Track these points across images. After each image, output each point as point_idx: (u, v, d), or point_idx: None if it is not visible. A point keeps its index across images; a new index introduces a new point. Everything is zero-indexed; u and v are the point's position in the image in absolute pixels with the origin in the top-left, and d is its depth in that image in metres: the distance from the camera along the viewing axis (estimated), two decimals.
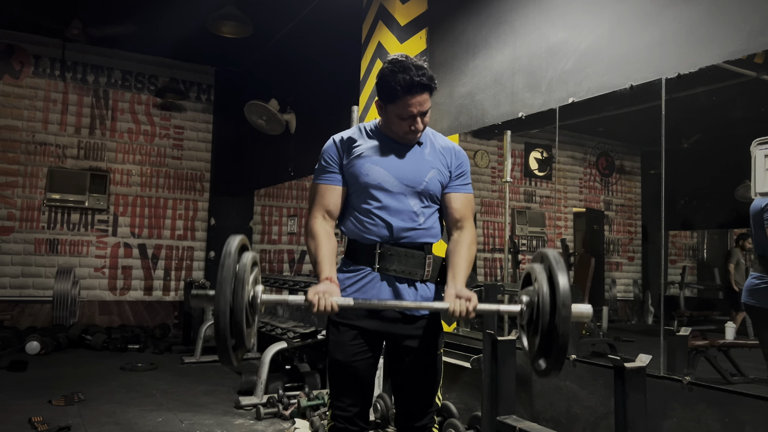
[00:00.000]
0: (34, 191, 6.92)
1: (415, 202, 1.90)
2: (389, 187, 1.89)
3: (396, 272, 1.89)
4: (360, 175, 1.89)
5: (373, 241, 1.90)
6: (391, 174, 1.89)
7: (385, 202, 1.89)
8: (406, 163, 1.92)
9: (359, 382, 1.92)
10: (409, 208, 1.90)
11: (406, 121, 1.85)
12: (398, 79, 1.80)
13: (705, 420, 2.35)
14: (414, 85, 1.79)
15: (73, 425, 3.65)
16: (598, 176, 9.07)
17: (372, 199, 1.89)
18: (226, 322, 1.51)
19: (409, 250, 1.90)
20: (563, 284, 1.57)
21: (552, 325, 1.58)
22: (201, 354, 5.84)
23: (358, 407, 1.92)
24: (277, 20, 5.84)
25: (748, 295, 3.27)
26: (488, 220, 8.50)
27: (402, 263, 1.89)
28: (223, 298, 1.50)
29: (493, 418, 2.75)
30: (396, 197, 1.89)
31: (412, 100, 1.81)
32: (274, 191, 8.35)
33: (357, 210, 1.93)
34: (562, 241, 7.49)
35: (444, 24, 4.10)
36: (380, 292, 1.89)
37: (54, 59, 7.07)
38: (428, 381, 1.95)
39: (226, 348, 1.54)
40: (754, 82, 2.95)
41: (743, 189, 5.18)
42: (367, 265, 1.91)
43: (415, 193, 1.90)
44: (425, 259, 1.92)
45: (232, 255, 1.55)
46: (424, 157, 1.94)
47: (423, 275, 1.91)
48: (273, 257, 8.31)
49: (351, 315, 1.91)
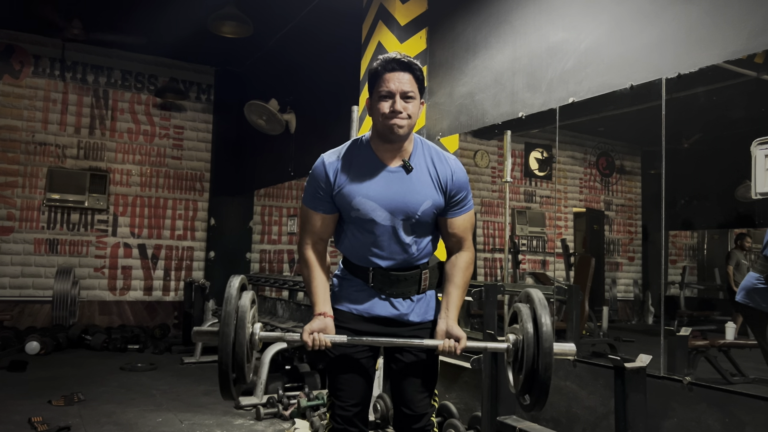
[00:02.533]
0: (33, 191, 6.92)
1: (407, 233, 1.87)
2: (381, 221, 1.83)
3: (389, 294, 1.91)
4: (351, 210, 1.84)
5: (366, 267, 1.91)
6: (383, 207, 1.82)
7: (377, 234, 1.85)
8: (398, 194, 1.82)
9: (358, 383, 1.92)
10: (402, 240, 1.86)
11: (387, 102, 1.77)
12: (379, 60, 1.83)
13: (705, 420, 2.35)
14: (392, 60, 1.80)
15: (73, 425, 3.65)
16: (598, 176, 9.07)
17: (363, 231, 1.87)
18: (228, 358, 1.65)
19: (402, 274, 1.90)
20: (546, 326, 1.70)
21: (535, 366, 1.71)
22: (201, 354, 5.83)
23: (357, 407, 1.92)
24: (278, 20, 5.84)
25: (745, 295, 3.26)
26: (488, 220, 8.50)
27: (395, 286, 1.90)
28: (227, 338, 1.66)
29: (493, 418, 2.76)
30: (387, 230, 1.85)
31: (389, 75, 1.78)
32: (274, 191, 8.34)
33: (350, 235, 1.91)
34: (562, 241, 7.49)
35: (444, 24, 4.10)
36: (375, 305, 1.91)
37: (54, 59, 7.07)
38: (424, 381, 1.94)
39: (228, 382, 1.67)
40: (754, 82, 2.94)
41: (743, 189, 5.18)
42: (362, 279, 1.92)
43: (408, 225, 1.86)
44: (420, 276, 1.92)
45: (234, 297, 1.69)
46: (417, 187, 1.84)
47: (418, 290, 1.93)
48: (273, 257, 8.31)
49: (348, 319, 1.92)
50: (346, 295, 1.95)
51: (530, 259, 8.54)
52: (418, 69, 1.82)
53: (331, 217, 1.90)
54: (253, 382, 4.43)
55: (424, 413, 1.94)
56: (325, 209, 1.88)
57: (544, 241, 8.57)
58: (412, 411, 1.93)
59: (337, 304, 1.95)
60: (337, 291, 1.97)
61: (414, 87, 1.80)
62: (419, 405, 1.93)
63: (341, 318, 1.92)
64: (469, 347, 1.83)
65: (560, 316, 3.89)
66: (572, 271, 6.71)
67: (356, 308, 1.92)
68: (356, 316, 1.92)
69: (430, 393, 1.97)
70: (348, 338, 1.79)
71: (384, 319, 1.91)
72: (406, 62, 1.80)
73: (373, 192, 1.82)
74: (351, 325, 1.91)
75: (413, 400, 1.93)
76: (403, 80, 1.78)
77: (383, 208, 1.82)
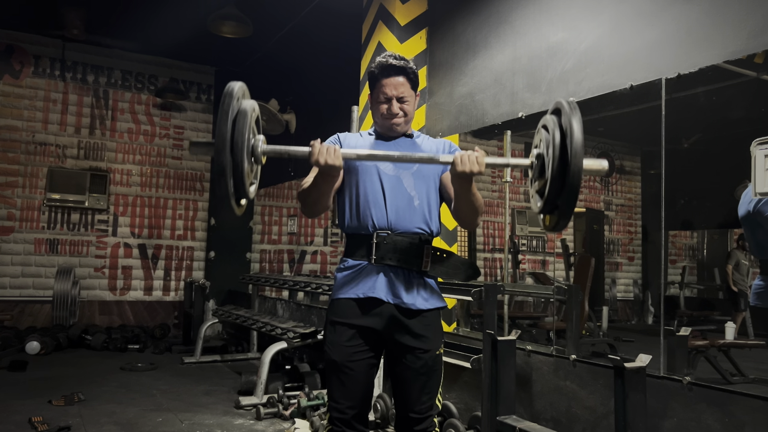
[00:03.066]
0: (34, 191, 6.92)
1: (409, 183, 1.94)
2: (385, 168, 1.95)
3: (391, 261, 1.89)
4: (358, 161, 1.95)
5: (369, 232, 1.90)
6: None
7: (381, 182, 1.93)
8: (400, 149, 2.00)
9: (357, 384, 1.89)
10: (405, 189, 1.94)
11: (385, 105, 1.96)
12: (376, 63, 1.98)
13: (705, 420, 2.35)
14: (387, 66, 1.94)
15: (73, 425, 3.65)
16: (598, 176, 9.07)
17: (369, 181, 1.93)
18: (226, 160, 1.42)
19: (405, 239, 1.90)
20: (577, 133, 1.46)
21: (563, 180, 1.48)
22: (201, 354, 5.84)
23: (355, 410, 1.89)
24: (278, 20, 5.84)
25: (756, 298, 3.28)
26: (488, 220, 8.50)
27: (398, 252, 1.89)
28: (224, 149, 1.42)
29: (493, 418, 2.76)
30: (391, 179, 1.94)
31: (385, 81, 1.94)
32: (274, 191, 8.35)
33: (354, 197, 1.94)
34: (562, 241, 7.50)
35: (444, 24, 4.10)
36: (376, 283, 1.89)
37: (54, 59, 7.07)
38: (428, 382, 1.92)
39: (228, 194, 1.47)
40: (754, 82, 2.94)
41: (743, 189, 5.18)
42: (365, 257, 1.91)
43: (409, 175, 1.95)
44: (423, 249, 1.91)
45: (233, 97, 1.47)
46: (417, 146, 2.04)
47: (420, 265, 1.91)
48: (273, 257, 8.31)
49: (349, 314, 1.90)
50: (346, 283, 1.93)
51: (530, 259, 8.54)
52: (411, 71, 1.98)
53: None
54: (253, 381, 4.43)
55: (427, 416, 1.92)
56: None
57: (544, 241, 8.57)
58: (414, 413, 1.91)
59: (337, 294, 1.93)
60: (338, 283, 1.95)
61: (407, 88, 1.97)
62: (422, 407, 1.91)
63: (341, 312, 1.90)
64: (488, 162, 1.65)
65: (560, 316, 3.89)
66: (572, 271, 6.72)
67: (356, 292, 1.89)
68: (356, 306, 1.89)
69: (433, 395, 1.94)
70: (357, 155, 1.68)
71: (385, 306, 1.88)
72: (400, 66, 1.95)
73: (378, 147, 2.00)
74: (351, 320, 1.89)
75: (416, 403, 1.91)
76: (398, 85, 1.95)
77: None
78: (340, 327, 1.90)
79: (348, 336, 1.89)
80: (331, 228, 8.68)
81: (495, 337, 2.75)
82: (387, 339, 1.93)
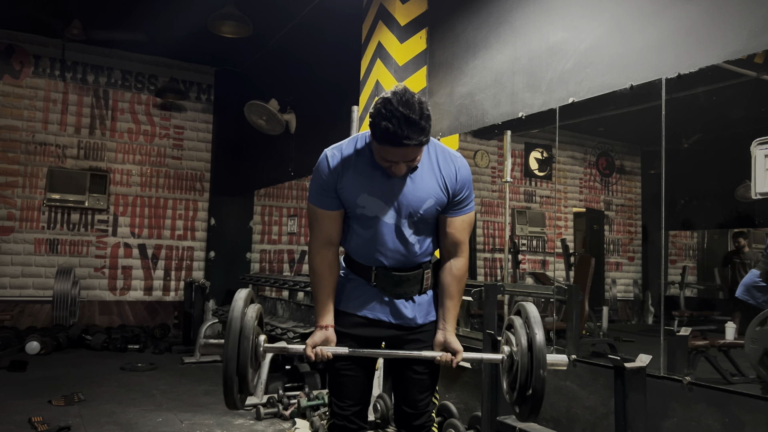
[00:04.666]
0: (34, 191, 6.92)
1: (411, 231, 1.86)
2: (386, 219, 1.83)
3: (392, 294, 1.91)
4: (356, 207, 1.83)
5: (369, 265, 1.91)
6: (387, 204, 1.82)
7: (382, 232, 1.84)
8: (402, 192, 1.81)
9: (357, 383, 1.94)
10: (406, 238, 1.86)
11: (387, 163, 1.72)
12: (381, 126, 1.62)
13: (705, 420, 2.35)
14: (394, 139, 1.62)
15: (73, 425, 3.65)
16: (598, 176, 9.07)
17: (368, 229, 1.86)
18: (233, 368, 1.69)
19: (404, 274, 1.89)
20: (539, 342, 1.72)
21: (528, 382, 1.74)
22: (201, 354, 5.83)
23: (356, 407, 1.95)
24: (277, 20, 5.84)
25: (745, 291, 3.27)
26: (488, 220, 8.50)
27: (398, 286, 1.90)
28: (231, 348, 1.69)
29: (493, 418, 2.76)
30: (392, 228, 1.84)
31: (391, 150, 1.66)
32: (274, 191, 8.34)
33: (354, 233, 1.91)
34: (562, 241, 7.50)
35: (444, 24, 4.10)
36: (377, 305, 1.91)
37: (54, 59, 7.07)
38: (426, 380, 1.95)
39: (232, 393, 1.70)
40: (754, 82, 2.94)
41: (743, 189, 5.18)
42: (365, 280, 1.92)
43: (411, 223, 1.85)
44: (423, 275, 1.92)
45: (239, 309, 1.73)
46: (421, 184, 1.81)
47: (420, 290, 1.93)
48: (273, 257, 8.31)
49: (350, 325, 1.92)
50: (348, 295, 1.94)
51: (530, 259, 8.54)
52: (424, 138, 1.66)
53: (338, 213, 1.86)
54: None
55: (425, 411, 1.97)
56: (332, 205, 1.84)
57: (544, 241, 8.57)
58: (413, 409, 1.96)
59: (340, 306, 1.94)
60: (339, 291, 1.96)
61: (420, 150, 1.71)
62: (420, 403, 1.96)
63: (343, 323, 1.92)
64: (466, 358, 1.87)
65: (560, 316, 3.89)
66: (572, 271, 6.72)
67: (358, 311, 1.92)
68: (358, 319, 1.92)
69: (432, 391, 1.99)
70: (349, 350, 1.84)
71: (387, 325, 1.92)
72: (417, 143, 1.64)
73: (377, 190, 1.80)
74: (353, 330, 1.92)
75: (415, 399, 1.95)
76: (408, 153, 1.68)
77: (388, 205, 1.81)
78: (342, 334, 1.92)
79: (349, 339, 1.92)
80: None
81: (495, 337, 2.75)
82: (387, 341, 1.98)
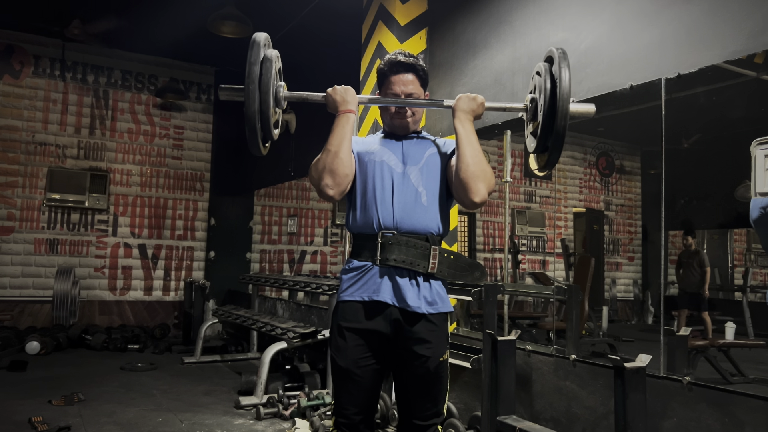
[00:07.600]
0: (34, 191, 6.92)
1: (417, 178, 1.93)
2: (393, 164, 1.95)
3: (396, 262, 1.85)
4: (367, 153, 1.97)
5: (375, 231, 1.88)
6: (394, 153, 1.97)
7: (390, 177, 1.92)
8: (407, 144, 2.02)
9: (363, 390, 1.87)
10: (412, 184, 1.92)
11: (391, 98, 1.97)
12: (385, 60, 2.01)
13: (705, 420, 2.35)
14: (396, 63, 1.97)
15: (73, 425, 3.65)
16: (598, 176, 9.08)
17: (377, 176, 1.92)
18: (255, 111, 1.68)
19: (410, 239, 1.87)
20: (565, 81, 1.69)
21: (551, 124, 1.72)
22: (201, 354, 5.84)
23: (362, 415, 1.88)
24: (278, 20, 5.84)
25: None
26: (488, 220, 8.50)
27: (403, 252, 1.85)
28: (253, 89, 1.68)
29: (493, 418, 2.76)
30: (399, 176, 1.92)
31: (394, 78, 1.97)
32: (274, 191, 8.35)
33: (361, 192, 1.93)
34: (562, 241, 7.51)
35: (444, 24, 4.10)
36: (381, 286, 1.86)
37: (54, 59, 7.07)
38: (431, 390, 1.89)
39: (256, 136, 1.71)
40: (754, 82, 2.95)
41: (743, 189, 5.19)
42: (369, 258, 1.88)
43: (417, 170, 1.94)
44: (429, 250, 1.88)
45: (260, 47, 1.72)
46: (424, 142, 2.05)
47: (427, 267, 1.87)
48: (273, 257, 8.31)
49: (354, 317, 1.87)
50: (351, 285, 1.90)
51: (530, 259, 8.54)
52: (421, 68, 2.00)
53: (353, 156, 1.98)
54: (253, 381, 4.44)
55: (430, 423, 1.89)
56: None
57: (544, 241, 8.58)
58: (417, 420, 1.89)
59: (342, 296, 1.91)
60: (343, 284, 1.93)
61: (417, 86, 1.99)
62: (425, 414, 1.89)
63: (346, 316, 1.89)
64: (489, 107, 1.90)
65: (560, 316, 3.90)
66: (572, 271, 6.73)
67: (361, 295, 1.87)
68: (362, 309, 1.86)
69: (438, 402, 1.91)
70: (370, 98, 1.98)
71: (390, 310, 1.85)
72: (409, 63, 1.98)
73: (387, 144, 2.02)
74: (357, 324, 1.87)
75: (419, 410, 1.89)
76: (407, 82, 1.98)
77: (394, 154, 1.98)
78: (347, 332, 1.88)
79: (354, 342, 1.87)
80: (331, 228, 8.68)
81: (495, 337, 2.75)
82: (392, 343, 1.90)
